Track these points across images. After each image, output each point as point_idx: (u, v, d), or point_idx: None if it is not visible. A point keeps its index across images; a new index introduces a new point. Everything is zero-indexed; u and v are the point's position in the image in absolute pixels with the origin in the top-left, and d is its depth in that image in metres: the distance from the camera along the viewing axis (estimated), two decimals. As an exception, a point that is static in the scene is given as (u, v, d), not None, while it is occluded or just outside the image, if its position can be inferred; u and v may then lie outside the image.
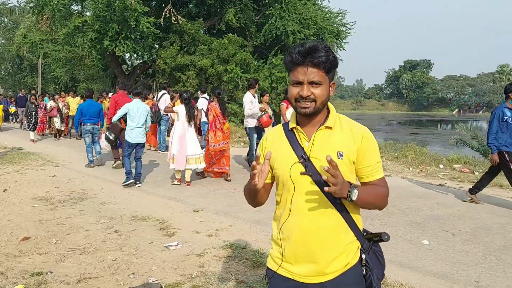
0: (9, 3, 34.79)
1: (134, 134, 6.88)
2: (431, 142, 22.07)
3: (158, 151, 10.96)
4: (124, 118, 7.23)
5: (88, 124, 8.74)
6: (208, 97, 10.75)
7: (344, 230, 1.54)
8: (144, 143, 7.21)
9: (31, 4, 17.65)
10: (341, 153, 1.50)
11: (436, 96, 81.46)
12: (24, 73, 33.63)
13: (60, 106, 13.55)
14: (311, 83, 1.46)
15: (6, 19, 34.84)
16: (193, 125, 6.94)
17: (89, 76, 23.76)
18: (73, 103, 13.98)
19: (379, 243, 1.66)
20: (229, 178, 7.34)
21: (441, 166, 8.81)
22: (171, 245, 4.13)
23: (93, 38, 15.84)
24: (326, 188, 1.36)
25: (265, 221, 4.81)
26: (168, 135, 11.52)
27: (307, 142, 1.54)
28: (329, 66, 1.46)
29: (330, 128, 1.54)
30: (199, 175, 7.56)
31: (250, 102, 7.81)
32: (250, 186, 1.52)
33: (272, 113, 8.17)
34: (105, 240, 4.32)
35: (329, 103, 1.58)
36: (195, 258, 3.83)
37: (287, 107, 7.65)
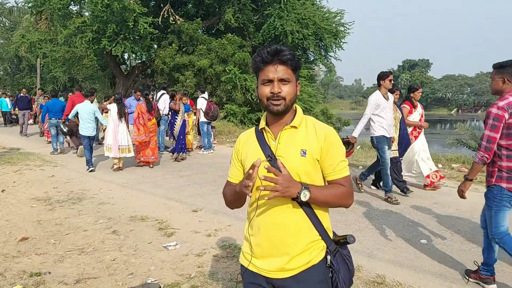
0: (7, 3, 34.78)
1: (85, 128, 8.36)
2: (430, 142, 22.04)
3: (157, 151, 10.93)
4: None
5: (53, 118, 10.33)
6: (207, 97, 10.76)
7: (308, 228, 1.58)
8: (94, 136, 8.70)
9: (30, 4, 17.63)
10: (304, 151, 1.56)
11: (435, 96, 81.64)
12: (22, 73, 33.59)
13: None
14: (281, 80, 1.55)
15: (4, 19, 34.81)
16: (123, 121, 8.30)
17: (88, 76, 23.75)
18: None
19: (348, 247, 1.69)
20: (151, 166, 8.71)
21: (439, 165, 8.81)
22: (169, 245, 4.13)
23: (91, 38, 15.83)
24: (271, 194, 1.43)
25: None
26: (167, 136, 11.49)
27: (274, 141, 1.61)
28: (295, 64, 1.57)
29: (295, 127, 1.61)
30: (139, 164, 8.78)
31: (375, 105, 5.77)
32: (240, 191, 1.54)
33: (399, 117, 6.21)
34: (104, 240, 4.31)
35: (296, 105, 1.66)
36: (193, 258, 3.83)
37: (410, 111, 6.53)
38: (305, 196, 1.47)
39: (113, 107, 8.40)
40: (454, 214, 5.30)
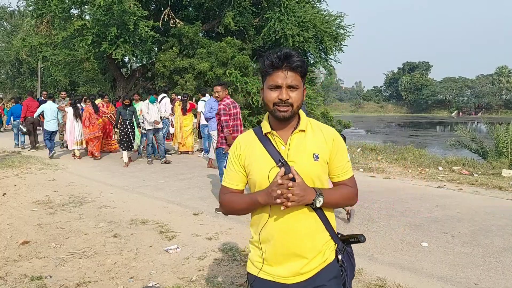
0: (8, 7, 34.89)
1: (50, 124, 10.33)
2: (430, 144, 22.15)
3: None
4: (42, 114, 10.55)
5: (16, 120, 12.35)
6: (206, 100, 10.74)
7: (321, 230, 1.60)
8: (57, 130, 10.67)
9: (31, 8, 17.67)
10: (317, 155, 1.57)
11: (435, 98, 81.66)
12: (23, 77, 33.64)
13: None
14: (289, 87, 1.52)
15: (5, 23, 34.90)
16: (79, 121, 9.88)
17: (88, 79, 23.78)
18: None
19: (351, 245, 1.73)
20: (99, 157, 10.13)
21: (440, 168, 8.82)
22: (170, 249, 4.13)
23: (91, 41, 15.86)
24: (288, 203, 1.43)
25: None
26: (167, 138, 11.47)
27: (283, 146, 1.58)
28: (304, 70, 1.55)
29: (303, 131, 1.60)
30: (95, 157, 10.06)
31: None
32: (265, 202, 1.52)
33: None
34: (105, 244, 4.32)
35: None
36: (194, 262, 3.83)
37: None
38: (319, 202, 1.49)
39: (69, 110, 10.00)
40: (455, 217, 5.29)
